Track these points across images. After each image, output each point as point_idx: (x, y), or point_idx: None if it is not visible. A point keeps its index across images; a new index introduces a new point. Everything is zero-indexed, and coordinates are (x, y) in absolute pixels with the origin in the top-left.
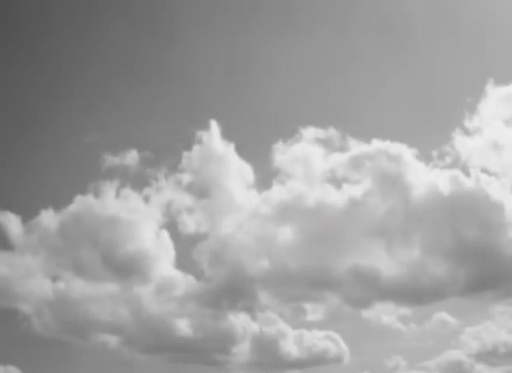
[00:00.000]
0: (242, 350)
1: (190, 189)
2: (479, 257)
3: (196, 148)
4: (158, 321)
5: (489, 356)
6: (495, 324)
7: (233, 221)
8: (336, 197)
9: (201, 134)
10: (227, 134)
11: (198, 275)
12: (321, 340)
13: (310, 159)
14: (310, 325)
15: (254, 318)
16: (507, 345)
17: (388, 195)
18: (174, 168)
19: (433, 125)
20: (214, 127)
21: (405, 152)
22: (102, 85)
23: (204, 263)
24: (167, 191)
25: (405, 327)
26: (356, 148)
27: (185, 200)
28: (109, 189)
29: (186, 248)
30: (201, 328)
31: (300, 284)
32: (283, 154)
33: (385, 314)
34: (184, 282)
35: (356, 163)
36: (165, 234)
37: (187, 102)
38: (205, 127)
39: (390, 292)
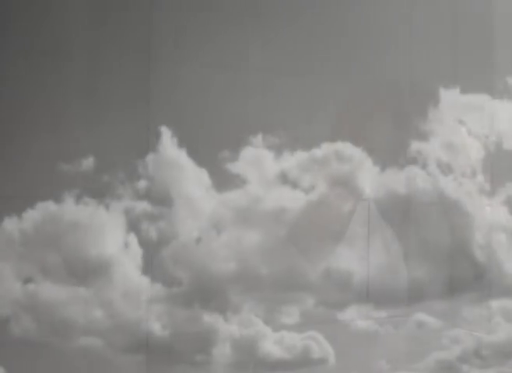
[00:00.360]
0: (222, 352)
1: (148, 195)
2: (450, 260)
3: (150, 154)
4: (133, 324)
5: (474, 357)
6: (474, 326)
7: (195, 225)
8: (294, 201)
9: (153, 140)
10: (179, 140)
11: (166, 280)
12: (304, 341)
13: (263, 163)
14: (288, 328)
15: (227, 320)
16: (492, 346)
17: (346, 197)
18: (131, 175)
19: (386, 129)
20: (166, 132)
21: (359, 154)
22: (55, 92)
23: (170, 268)
24: (126, 199)
25: (382, 329)
26: (309, 151)
27: (145, 206)
28: (67, 196)
29: (151, 254)
30: (179, 330)
31: (272, 286)
32: (236, 159)
33: (360, 317)
34: (151, 287)
35: (309, 166)
36: (131, 240)
37: (139, 108)
38: (157, 133)
39: (364, 295)
